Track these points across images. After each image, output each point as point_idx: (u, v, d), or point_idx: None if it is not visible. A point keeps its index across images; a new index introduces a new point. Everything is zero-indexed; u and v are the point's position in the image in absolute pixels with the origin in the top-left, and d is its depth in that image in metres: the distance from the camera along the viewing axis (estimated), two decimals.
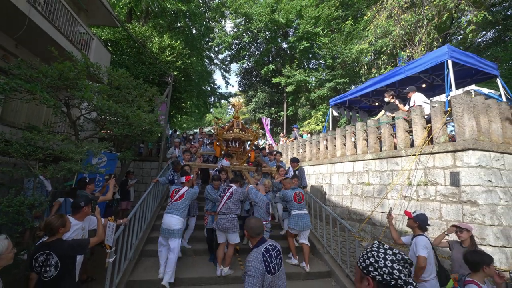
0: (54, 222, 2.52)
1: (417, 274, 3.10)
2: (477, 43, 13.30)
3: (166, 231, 4.25)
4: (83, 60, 5.90)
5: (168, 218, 4.29)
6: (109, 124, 5.60)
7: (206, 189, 5.23)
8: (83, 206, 3.13)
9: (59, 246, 2.47)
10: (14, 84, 4.49)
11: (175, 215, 4.29)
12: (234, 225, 4.46)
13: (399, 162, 6.19)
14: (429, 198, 5.38)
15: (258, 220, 2.44)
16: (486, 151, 4.98)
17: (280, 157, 8.08)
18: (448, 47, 5.95)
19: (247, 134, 7.39)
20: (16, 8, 6.03)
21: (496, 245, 4.26)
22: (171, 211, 4.33)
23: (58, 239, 2.53)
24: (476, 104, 5.34)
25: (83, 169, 4.21)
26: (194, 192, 4.73)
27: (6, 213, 3.26)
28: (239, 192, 4.77)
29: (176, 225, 4.24)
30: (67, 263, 2.49)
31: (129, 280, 4.13)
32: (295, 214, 5.08)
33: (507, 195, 4.81)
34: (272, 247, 2.28)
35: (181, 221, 4.33)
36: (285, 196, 5.24)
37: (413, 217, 3.37)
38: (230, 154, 7.27)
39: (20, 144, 3.73)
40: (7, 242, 2.02)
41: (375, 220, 6.35)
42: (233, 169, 6.95)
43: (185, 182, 4.71)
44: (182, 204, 4.43)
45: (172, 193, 4.57)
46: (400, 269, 1.05)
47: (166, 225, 4.26)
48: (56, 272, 2.38)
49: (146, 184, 10.24)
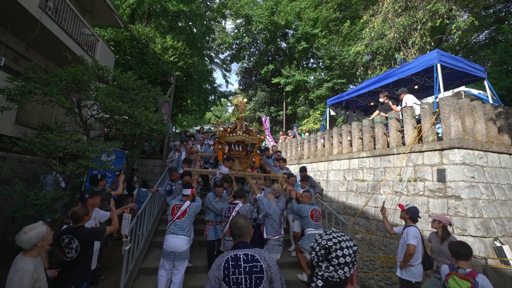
0: (79, 211, 2.89)
1: (406, 259, 3.52)
2: (472, 43, 13.68)
3: (171, 254, 3.75)
4: (93, 63, 6.25)
5: (173, 239, 3.79)
6: (119, 124, 5.95)
7: (208, 198, 4.64)
8: (88, 198, 3.41)
9: (81, 232, 2.82)
10: (31, 87, 4.86)
11: (180, 235, 3.82)
12: None
13: (391, 160, 6.58)
14: (418, 193, 5.78)
15: (246, 221, 2.07)
16: (470, 149, 5.37)
17: (285, 164, 7.42)
18: (438, 51, 6.32)
19: (251, 137, 6.82)
20: (28, 13, 6.35)
21: (476, 235, 4.66)
22: (175, 231, 3.83)
23: (80, 226, 2.88)
24: (462, 106, 5.72)
25: (98, 166, 4.58)
26: (198, 206, 4.19)
27: (33, 205, 3.64)
28: (246, 209, 4.18)
29: (183, 246, 3.79)
30: (86, 247, 2.84)
31: (141, 267, 4.52)
32: (311, 234, 4.52)
33: (488, 190, 5.21)
34: (247, 258, 1.81)
35: (187, 241, 3.90)
36: (301, 211, 4.69)
37: (405, 209, 3.77)
38: (231, 157, 6.67)
39: (42, 144, 4.09)
40: (45, 227, 2.40)
41: (368, 214, 6.75)
42: (236, 175, 6.39)
43: (189, 195, 4.16)
44: (186, 222, 3.94)
45: (173, 210, 4.02)
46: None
47: (171, 247, 3.75)
48: (75, 255, 2.74)
49: (150, 181, 10.61)
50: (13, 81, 5.04)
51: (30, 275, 2.18)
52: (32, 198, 3.56)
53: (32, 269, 2.22)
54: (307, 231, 4.59)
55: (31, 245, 2.27)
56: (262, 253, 1.88)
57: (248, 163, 6.91)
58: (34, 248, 2.29)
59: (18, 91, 4.75)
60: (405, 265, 3.60)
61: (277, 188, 5.18)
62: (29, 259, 2.25)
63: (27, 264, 2.21)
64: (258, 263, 1.79)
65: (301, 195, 4.83)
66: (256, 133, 7.07)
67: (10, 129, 5.74)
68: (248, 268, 1.77)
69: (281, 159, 7.49)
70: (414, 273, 3.59)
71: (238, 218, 2.06)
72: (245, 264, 1.78)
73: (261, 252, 1.88)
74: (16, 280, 2.13)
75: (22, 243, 2.25)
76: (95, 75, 6.02)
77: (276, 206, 4.52)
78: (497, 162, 5.67)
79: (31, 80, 5.10)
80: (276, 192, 5.13)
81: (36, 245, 2.29)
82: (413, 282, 3.61)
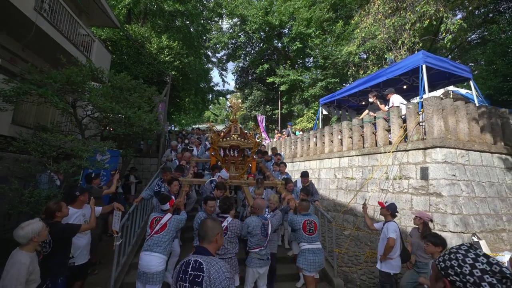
0: (51, 206, 3.01)
1: (386, 252, 3.76)
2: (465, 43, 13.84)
3: (144, 275, 3.28)
4: (87, 64, 6.40)
5: (147, 257, 3.32)
6: (112, 124, 6.12)
7: (198, 218, 3.87)
8: (79, 195, 3.49)
9: (54, 227, 2.91)
10: (26, 89, 5.03)
11: (156, 252, 3.34)
12: (233, 266, 3.47)
13: (379, 158, 6.77)
14: (403, 190, 5.97)
15: (214, 223, 1.90)
16: (452, 148, 5.56)
17: (285, 168, 6.89)
18: (423, 53, 6.49)
19: (246, 141, 6.26)
20: (23, 15, 6.49)
21: (455, 231, 4.86)
22: (151, 247, 3.36)
23: (55, 222, 2.98)
24: (445, 106, 5.90)
25: (91, 165, 4.75)
26: (180, 219, 3.69)
27: (28, 203, 3.82)
28: (236, 225, 3.59)
29: (157, 266, 3.31)
30: (59, 243, 2.96)
31: (133, 262, 4.70)
32: (304, 250, 3.99)
33: (469, 187, 5.41)
34: (195, 265, 1.66)
35: (163, 260, 3.42)
36: (293, 223, 4.13)
37: (385, 206, 4.04)
38: (217, 166, 6.12)
39: (37, 143, 4.27)
40: (41, 223, 2.57)
41: (356, 211, 6.95)
42: (231, 183, 5.93)
43: (169, 209, 3.69)
44: (165, 237, 3.44)
45: (152, 223, 3.54)
46: (493, 284, 0.85)
47: (145, 267, 3.29)
48: (49, 249, 2.88)
49: (146, 179, 10.80)
50: (9, 83, 5.21)
51: (27, 267, 2.35)
52: (26, 196, 3.74)
53: (29, 262, 2.39)
54: (301, 247, 4.05)
55: (28, 239, 2.43)
56: (212, 262, 1.66)
57: (245, 169, 6.36)
58: (30, 242, 2.45)
59: (13, 92, 4.91)
60: (385, 258, 3.81)
61: (273, 199, 4.48)
62: (26, 253, 2.42)
63: (24, 257, 2.38)
64: (201, 274, 1.60)
65: (299, 203, 4.36)
66: (252, 136, 6.57)
67: (7, 129, 5.90)
68: (192, 276, 1.61)
69: (281, 162, 6.96)
70: (393, 265, 3.81)
71: (208, 219, 1.93)
72: (191, 272, 1.63)
73: (211, 261, 1.66)
74: (13, 272, 2.30)
75: (19, 238, 2.42)
76: (90, 76, 6.19)
77: (257, 218, 3.82)
78: (479, 160, 5.86)
79: (27, 82, 5.27)
80: (272, 204, 4.43)
81: (32, 240, 2.45)
82: (392, 274, 3.84)
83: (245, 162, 6.49)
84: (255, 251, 3.70)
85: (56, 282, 2.98)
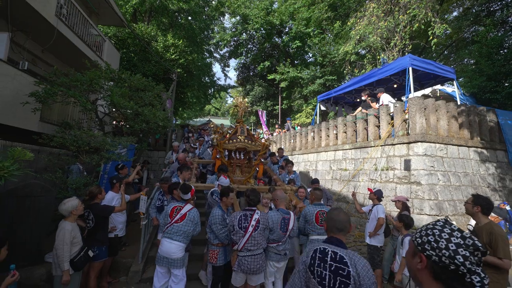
0: (94, 190, 3.84)
1: (377, 229, 4.62)
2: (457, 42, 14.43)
3: (165, 259, 3.55)
4: (106, 67, 7.08)
5: (167, 244, 3.56)
6: (130, 121, 6.84)
7: (215, 217, 3.79)
8: (116, 183, 4.42)
9: (94, 207, 3.77)
10: (56, 90, 5.75)
11: (175, 241, 3.56)
12: (262, 263, 3.48)
13: (369, 151, 7.52)
14: (389, 180, 6.74)
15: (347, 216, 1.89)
16: (432, 142, 6.31)
17: (292, 167, 6.67)
18: (410, 56, 7.18)
19: (254, 143, 5.95)
20: (46, 21, 7.12)
21: (430, 214, 5.65)
22: (171, 235, 3.58)
23: (95, 203, 3.81)
24: (428, 105, 6.61)
25: (118, 158, 5.50)
26: (198, 215, 3.84)
27: (71, 189, 4.59)
28: (266, 218, 3.58)
29: (177, 253, 3.56)
30: (100, 219, 3.78)
31: (155, 241, 5.50)
32: (314, 239, 3.91)
33: (445, 177, 6.18)
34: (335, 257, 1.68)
35: (183, 248, 3.64)
36: (307, 215, 4.02)
37: (373, 192, 4.92)
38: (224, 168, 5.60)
39: (72, 139, 5.00)
40: (77, 200, 3.35)
41: (348, 199, 7.74)
42: (238, 189, 5.57)
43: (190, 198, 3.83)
44: (184, 227, 3.63)
45: (172, 212, 3.70)
46: (466, 256, 0.91)
47: (165, 252, 3.55)
48: (93, 225, 3.72)
49: (155, 171, 11.57)
50: (40, 85, 5.92)
51: (70, 232, 3.15)
52: (70, 183, 4.52)
53: (71, 229, 3.18)
54: (310, 237, 3.96)
55: (68, 212, 3.21)
56: (354, 257, 1.64)
57: (251, 173, 6.04)
58: (71, 215, 3.23)
59: (45, 94, 5.63)
60: (375, 234, 4.62)
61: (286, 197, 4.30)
62: (68, 223, 3.21)
63: (67, 226, 3.18)
64: (346, 268, 1.60)
65: (312, 192, 4.33)
66: (259, 137, 6.23)
67: (36, 126, 6.64)
68: (334, 267, 1.62)
69: (289, 162, 6.80)
70: (379, 239, 4.70)
71: (339, 212, 1.89)
72: (331, 263, 1.63)
73: (352, 256, 1.65)
74: (60, 235, 3.11)
75: (63, 211, 3.20)
76: (109, 77, 6.89)
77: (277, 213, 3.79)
78: (456, 153, 6.62)
79: (55, 84, 5.97)
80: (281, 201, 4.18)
81: (72, 212, 3.23)
82: (379, 247, 4.72)
83: (252, 165, 6.19)
84: (272, 246, 3.71)
85: (101, 249, 3.83)
